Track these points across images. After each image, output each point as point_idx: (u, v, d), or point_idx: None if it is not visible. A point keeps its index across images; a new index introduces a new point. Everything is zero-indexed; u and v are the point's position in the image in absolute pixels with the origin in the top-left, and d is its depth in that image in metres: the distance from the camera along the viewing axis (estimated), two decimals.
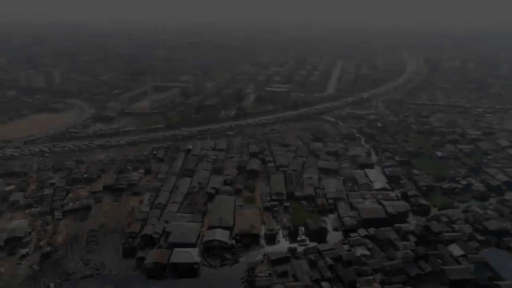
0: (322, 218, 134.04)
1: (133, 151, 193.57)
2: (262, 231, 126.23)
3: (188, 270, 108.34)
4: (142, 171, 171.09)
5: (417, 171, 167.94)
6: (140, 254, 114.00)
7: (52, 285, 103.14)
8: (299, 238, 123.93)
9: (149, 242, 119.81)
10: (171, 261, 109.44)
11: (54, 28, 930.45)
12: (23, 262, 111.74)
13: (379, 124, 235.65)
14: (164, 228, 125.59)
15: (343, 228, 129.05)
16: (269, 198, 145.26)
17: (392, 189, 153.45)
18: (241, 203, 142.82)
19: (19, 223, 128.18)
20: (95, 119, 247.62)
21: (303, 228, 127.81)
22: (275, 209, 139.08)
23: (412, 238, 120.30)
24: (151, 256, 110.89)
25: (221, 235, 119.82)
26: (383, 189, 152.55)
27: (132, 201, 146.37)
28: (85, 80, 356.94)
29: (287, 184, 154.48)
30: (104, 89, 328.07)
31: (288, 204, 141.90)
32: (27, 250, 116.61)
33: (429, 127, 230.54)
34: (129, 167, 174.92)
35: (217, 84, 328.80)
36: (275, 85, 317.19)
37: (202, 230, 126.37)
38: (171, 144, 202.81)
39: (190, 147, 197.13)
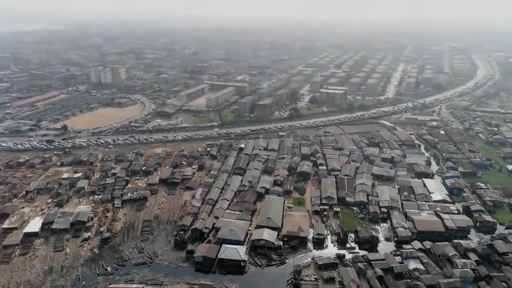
0: (373, 227, 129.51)
1: (188, 147, 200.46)
2: (310, 234, 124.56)
3: (235, 267, 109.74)
4: (196, 166, 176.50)
5: (483, 185, 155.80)
6: (190, 247, 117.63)
7: (109, 269, 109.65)
8: (348, 245, 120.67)
9: (199, 236, 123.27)
10: (219, 256, 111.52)
11: (128, 27, 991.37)
12: (85, 245, 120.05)
13: (442, 132, 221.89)
14: (214, 223, 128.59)
15: (395, 239, 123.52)
16: (319, 202, 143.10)
17: (453, 202, 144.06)
18: (290, 205, 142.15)
19: (83, 208, 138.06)
20: (155, 114, 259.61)
21: (353, 235, 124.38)
22: (324, 213, 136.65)
23: (473, 257, 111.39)
24: (200, 250, 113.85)
25: (269, 235, 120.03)
26: (443, 201, 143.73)
27: (185, 195, 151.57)
28: (148, 77, 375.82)
29: (339, 189, 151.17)
30: (165, 86, 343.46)
31: (338, 209, 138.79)
32: (89, 234, 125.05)
33: (500, 138, 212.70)
34: (183, 162, 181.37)
35: (272, 84, 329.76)
36: (331, 87, 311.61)
37: (250, 228, 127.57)
38: (224, 142, 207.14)
39: (243, 145, 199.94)
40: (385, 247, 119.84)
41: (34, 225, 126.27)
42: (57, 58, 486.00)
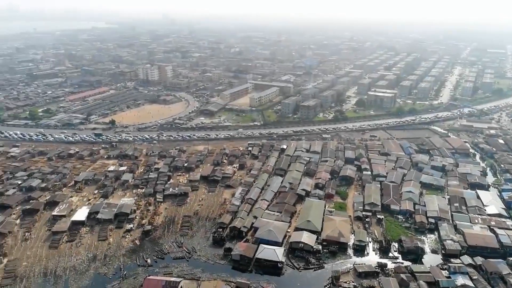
0: (419, 237, 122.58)
1: (229, 146, 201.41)
2: (351, 240, 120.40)
3: (272, 268, 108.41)
4: (237, 165, 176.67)
5: None
6: (228, 244, 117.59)
7: (149, 260, 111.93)
8: (390, 254, 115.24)
9: (237, 234, 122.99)
10: (256, 256, 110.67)
11: (176, 26, 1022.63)
12: (127, 236, 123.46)
13: (501, 141, 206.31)
14: (253, 223, 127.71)
15: (443, 252, 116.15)
16: (361, 208, 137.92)
17: (510, 217, 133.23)
18: (331, 209, 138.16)
19: (127, 201, 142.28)
20: (198, 112, 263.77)
21: (396, 244, 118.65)
22: (367, 220, 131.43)
23: None
24: (238, 248, 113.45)
25: (308, 239, 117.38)
26: (498, 215, 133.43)
27: (225, 193, 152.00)
28: (193, 76, 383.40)
29: (383, 196, 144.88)
30: (209, 84, 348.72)
31: (382, 216, 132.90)
32: (131, 225, 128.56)
33: None
34: (224, 161, 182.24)
35: (318, 85, 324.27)
36: (379, 90, 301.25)
37: (289, 230, 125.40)
38: (266, 142, 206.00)
39: (285, 146, 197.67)
40: (431, 260, 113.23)
41: (81, 214, 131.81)
42: (108, 55, 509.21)
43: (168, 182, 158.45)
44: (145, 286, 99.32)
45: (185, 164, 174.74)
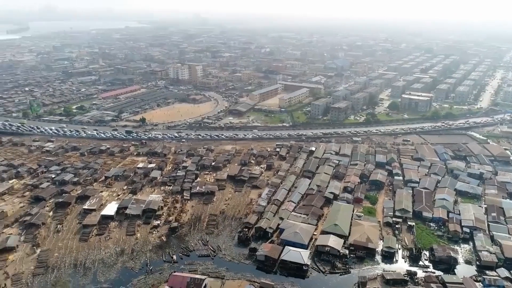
0: (452, 247, 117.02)
1: (257, 146, 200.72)
2: (379, 246, 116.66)
3: (297, 270, 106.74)
4: (264, 166, 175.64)
5: None
6: (253, 245, 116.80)
7: (175, 257, 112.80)
8: (421, 263, 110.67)
9: (263, 235, 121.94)
10: (281, 257, 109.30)
11: (207, 26, 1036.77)
12: (154, 232, 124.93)
13: None
14: (278, 224, 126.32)
15: (478, 263, 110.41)
16: (391, 214, 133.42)
17: None
18: (359, 213, 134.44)
19: (155, 197, 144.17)
20: (227, 112, 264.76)
21: (427, 253, 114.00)
22: (397, 226, 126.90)
23: None
24: (263, 249, 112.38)
25: (334, 242, 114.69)
26: None
27: (251, 193, 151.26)
28: (223, 75, 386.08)
29: (415, 202, 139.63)
30: (239, 84, 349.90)
31: (413, 223, 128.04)
32: (158, 222, 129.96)
33: None
34: (252, 161, 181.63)
35: (349, 87, 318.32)
36: (414, 93, 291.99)
37: (315, 233, 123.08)
38: (294, 143, 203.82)
39: (313, 148, 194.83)
40: (464, 271, 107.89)
41: (110, 209, 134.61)
42: (140, 54, 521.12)
43: (195, 181, 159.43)
44: (171, 282, 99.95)
45: (213, 163, 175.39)
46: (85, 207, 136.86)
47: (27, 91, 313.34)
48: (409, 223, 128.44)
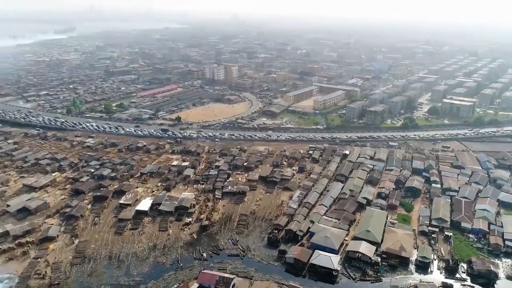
0: (492, 260, 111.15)
1: (290, 148, 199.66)
2: (413, 256, 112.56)
3: (326, 275, 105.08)
4: (296, 168, 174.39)
5: None
6: (282, 247, 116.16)
7: (205, 255, 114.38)
8: (458, 276, 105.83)
9: (292, 237, 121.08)
10: (310, 261, 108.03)
11: (244, 27, 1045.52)
12: (186, 229, 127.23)
13: None
14: (309, 228, 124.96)
15: None
16: (427, 222, 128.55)
17: None
18: (393, 221, 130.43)
19: (187, 195, 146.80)
20: (261, 113, 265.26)
21: (465, 265, 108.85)
22: (433, 235, 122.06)
23: None
24: (293, 252, 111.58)
25: (366, 249, 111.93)
26: None
27: (283, 195, 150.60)
28: (258, 76, 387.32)
29: (453, 212, 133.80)
30: (273, 85, 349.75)
31: (450, 234, 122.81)
32: (190, 219, 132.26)
33: None
34: (284, 163, 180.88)
35: (387, 90, 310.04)
36: (456, 97, 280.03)
37: (346, 238, 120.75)
38: (328, 146, 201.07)
39: (347, 152, 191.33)
40: (505, 286, 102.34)
41: (145, 204, 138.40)
42: (178, 54, 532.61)
43: (227, 180, 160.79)
44: (200, 279, 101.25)
45: (245, 164, 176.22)
46: (121, 201, 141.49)
47: (71, 89, 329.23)
48: (446, 233, 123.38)
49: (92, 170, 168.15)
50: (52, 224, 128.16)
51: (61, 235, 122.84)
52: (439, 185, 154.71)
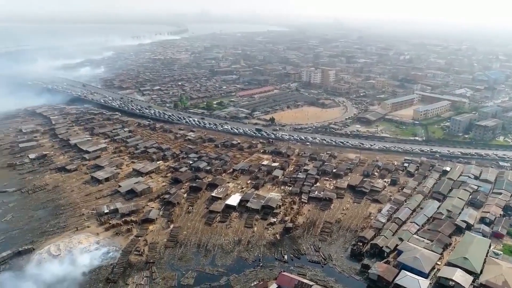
0: None
1: (383, 158, 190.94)
2: None
3: None
4: (388, 180, 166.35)
5: None
6: (366, 261, 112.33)
7: (286, 257, 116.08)
8: None
9: (378, 253, 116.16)
10: (395, 281, 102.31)
11: (344, 30, 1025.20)
12: (270, 229, 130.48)
13: None
14: (397, 245, 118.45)
15: None
16: None
17: None
18: (497, 251, 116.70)
19: (274, 195, 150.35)
20: (355, 119, 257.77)
21: None
22: None
23: None
24: (377, 268, 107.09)
25: (462, 278, 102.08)
26: None
27: (371, 207, 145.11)
28: (355, 81, 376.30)
29: None
30: (371, 92, 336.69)
31: None
32: (275, 220, 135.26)
33: None
34: (375, 173, 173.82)
35: (502, 104, 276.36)
36: None
37: (438, 263, 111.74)
38: (426, 160, 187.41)
39: (448, 168, 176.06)
40: None
41: (234, 200, 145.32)
42: (277, 56, 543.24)
43: (315, 185, 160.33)
44: (279, 280, 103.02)
45: (334, 170, 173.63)
46: (213, 194, 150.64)
47: (180, 85, 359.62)
48: None
49: (191, 162, 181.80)
50: (153, 207, 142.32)
51: (160, 218, 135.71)
52: None
